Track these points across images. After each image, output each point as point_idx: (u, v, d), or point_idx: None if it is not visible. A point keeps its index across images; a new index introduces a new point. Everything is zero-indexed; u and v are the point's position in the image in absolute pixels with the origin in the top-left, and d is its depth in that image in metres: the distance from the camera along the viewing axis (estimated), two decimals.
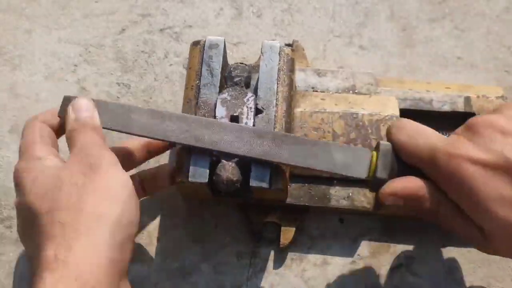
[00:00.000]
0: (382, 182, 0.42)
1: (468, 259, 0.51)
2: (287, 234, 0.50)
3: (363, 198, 0.49)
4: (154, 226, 0.53)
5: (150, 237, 0.52)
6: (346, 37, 0.59)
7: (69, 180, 0.38)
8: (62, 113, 0.44)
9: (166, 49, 0.59)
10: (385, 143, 0.43)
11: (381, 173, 0.42)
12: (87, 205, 0.37)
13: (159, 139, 0.45)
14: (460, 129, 0.40)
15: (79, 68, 0.58)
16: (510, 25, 0.59)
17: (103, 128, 0.43)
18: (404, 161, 0.42)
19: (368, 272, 0.51)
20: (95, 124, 0.42)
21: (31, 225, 0.38)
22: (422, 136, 0.41)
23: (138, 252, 0.52)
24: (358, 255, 0.51)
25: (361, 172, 0.43)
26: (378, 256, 0.51)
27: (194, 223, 0.52)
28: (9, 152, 0.55)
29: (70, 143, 0.41)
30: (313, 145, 0.44)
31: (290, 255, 0.51)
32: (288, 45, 0.59)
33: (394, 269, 0.51)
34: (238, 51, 0.59)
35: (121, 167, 0.40)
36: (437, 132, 0.42)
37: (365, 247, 0.51)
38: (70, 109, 0.42)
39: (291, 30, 0.59)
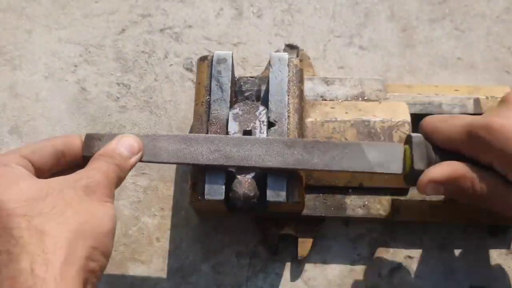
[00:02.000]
0: (421, 174, 0.41)
1: (468, 260, 0.51)
2: (305, 245, 0.50)
3: (378, 205, 0.49)
4: (154, 226, 0.53)
5: (150, 237, 0.52)
6: (346, 37, 0.59)
7: (57, 192, 0.36)
8: (89, 152, 0.42)
9: (166, 49, 0.59)
10: (416, 135, 0.43)
11: (418, 165, 0.42)
12: (70, 220, 0.35)
13: (190, 164, 0.44)
14: (495, 106, 0.42)
15: (79, 68, 0.58)
16: (510, 25, 0.59)
17: None
18: (440, 149, 0.42)
19: (368, 272, 0.51)
20: (128, 166, 0.41)
21: None
22: (456, 118, 0.42)
23: (138, 252, 0.52)
24: (358, 255, 0.51)
25: (397, 168, 0.43)
26: (378, 256, 0.51)
27: (194, 223, 0.52)
28: None
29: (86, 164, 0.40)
30: (344, 147, 0.44)
31: (290, 255, 0.51)
32: (289, 45, 0.59)
33: (394, 269, 0.51)
34: (238, 51, 0.58)
35: (111, 201, 0.39)
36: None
37: (365, 247, 0.51)
38: (120, 145, 0.41)
39: (291, 30, 0.59)
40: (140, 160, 0.43)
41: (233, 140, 0.44)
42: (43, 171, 0.41)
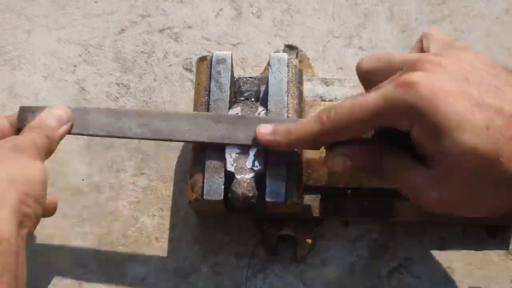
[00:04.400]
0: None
1: (467, 261, 0.51)
2: (304, 246, 0.50)
3: (377, 207, 0.49)
4: (153, 226, 0.53)
5: (149, 238, 0.52)
6: (345, 38, 0.59)
7: None
8: (22, 123, 0.44)
9: (166, 49, 0.59)
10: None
11: None
12: (3, 168, 0.37)
13: (118, 137, 0.45)
14: (399, 76, 0.39)
15: (79, 69, 0.58)
16: (510, 26, 0.59)
17: None
18: None
19: (367, 273, 0.51)
20: (57, 136, 0.43)
21: None
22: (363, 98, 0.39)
23: (137, 252, 0.52)
24: (357, 256, 0.51)
25: None
26: (377, 257, 0.51)
27: (193, 223, 0.52)
28: None
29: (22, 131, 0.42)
30: (265, 122, 0.45)
31: (289, 256, 0.51)
32: (289, 46, 0.59)
33: (393, 270, 0.51)
34: (237, 51, 0.58)
35: (41, 161, 0.40)
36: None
37: (364, 248, 0.51)
38: (49, 115, 0.43)
39: (291, 31, 0.59)
40: (69, 133, 0.44)
41: (162, 115, 0.45)
42: None
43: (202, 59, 0.50)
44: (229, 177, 0.45)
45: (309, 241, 0.50)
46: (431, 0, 0.60)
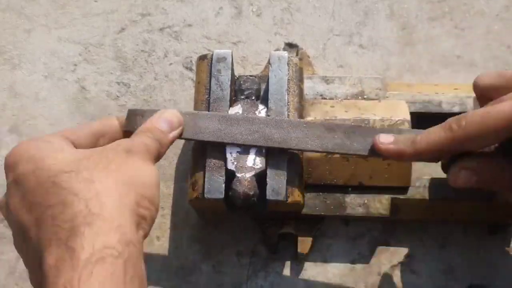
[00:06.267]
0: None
1: (467, 258, 0.51)
2: (305, 244, 0.50)
3: (378, 204, 0.49)
4: (154, 225, 0.52)
5: (150, 237, 0.52)
6: (346, 36, 0.59)
7: (99, 152, 0.38)
8: (131, 127, 0.43)
9: (166, 48, 0.59)
10: None
11: None
12: (115, 172, 0.36)
13: (229, 143, 0.44)
14: None
15: (79, 68, 0.58)
16: (510, 24, 0.59)
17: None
18: None
19: (368, 271, 0.51)
20: (167, 140, 0.43)
21: (45, 185, 0.35)
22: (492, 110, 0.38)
23: None
24: (358, 254, 0.51)
25: None
26: (378, 255, 0.51)
27: (194, 222, 0.52)
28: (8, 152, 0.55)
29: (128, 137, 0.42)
30: (382, 132, 0.43)
31: (291, 254, 0.51)
32: (289, 44, 0.59)
33: (394, 268, 0.51)
34: (238, 50, 0.58)
35: (153, 163, 0.40)
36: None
37: (365, 246, 0.51)
38: (161, 119, 0.43)
39: (291, 29, 0.59)
40: (180, 137, 0.44)
41: (274, 122, 0.44)
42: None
43: (202, 57, 0.49)
44: (230, 176, 0.45)
45: (309, 239, 0.50)
46: None
